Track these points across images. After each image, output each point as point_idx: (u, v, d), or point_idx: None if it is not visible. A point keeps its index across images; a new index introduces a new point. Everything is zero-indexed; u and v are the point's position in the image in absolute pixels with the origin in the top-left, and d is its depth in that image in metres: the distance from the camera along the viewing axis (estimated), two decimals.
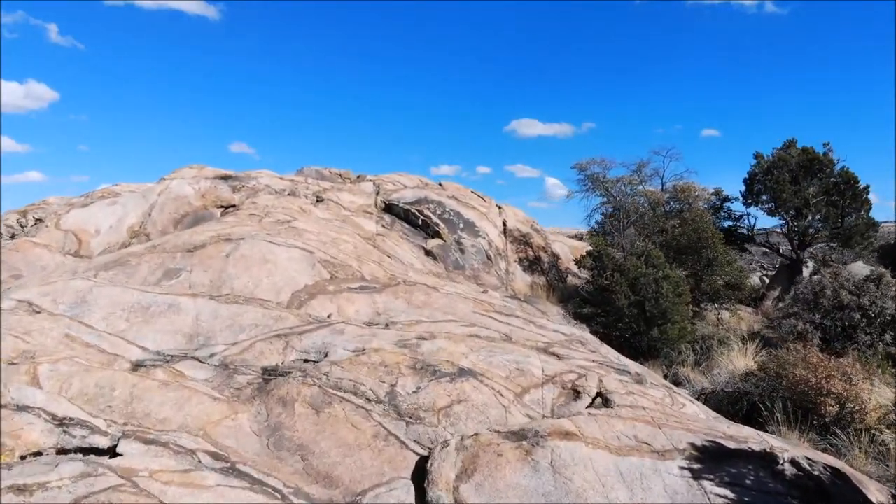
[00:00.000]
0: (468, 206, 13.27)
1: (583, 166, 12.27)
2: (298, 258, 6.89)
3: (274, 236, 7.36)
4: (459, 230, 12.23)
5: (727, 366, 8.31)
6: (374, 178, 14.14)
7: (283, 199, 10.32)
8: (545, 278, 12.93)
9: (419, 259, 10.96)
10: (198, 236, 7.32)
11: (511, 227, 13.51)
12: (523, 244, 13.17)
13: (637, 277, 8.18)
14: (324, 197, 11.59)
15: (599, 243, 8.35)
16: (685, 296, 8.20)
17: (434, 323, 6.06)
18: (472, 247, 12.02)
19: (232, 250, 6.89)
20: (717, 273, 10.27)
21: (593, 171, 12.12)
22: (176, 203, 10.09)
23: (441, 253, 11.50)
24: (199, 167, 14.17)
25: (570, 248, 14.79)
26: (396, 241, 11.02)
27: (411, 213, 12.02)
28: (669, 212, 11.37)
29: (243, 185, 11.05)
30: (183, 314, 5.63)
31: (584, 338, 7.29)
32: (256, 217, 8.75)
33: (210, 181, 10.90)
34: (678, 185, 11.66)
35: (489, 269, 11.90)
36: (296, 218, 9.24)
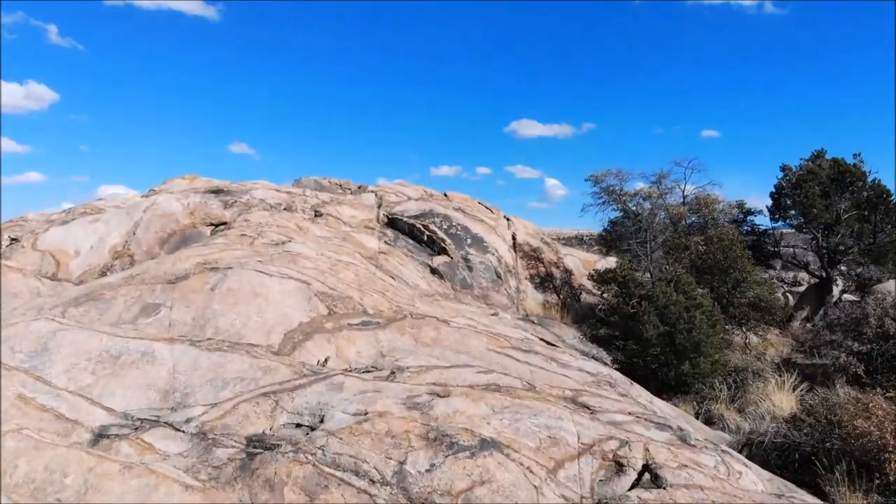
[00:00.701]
0: (475, 218, 12.54)
1: (598, 178, 11.53)
2: (293, 291, 6.15)
3: (266, 264, 6.62)
4: (467, 246, 11.50)
5: (766, 405, 7.57)
6: (375, 189, 13.40)
7: (278, 215, 9.57)
8: (558, 296, 12.19)
9: (424, 279, 10.23)
10: (181, 264, 6.57)
11: (521, 240, 12.78)
12: (534, 259, 12.42)
13: (666, 305, 7.44)
14: (322, 211, 10.85)
15: (625, 267, 7.61)
16: (719, 325, 7.46)
17: (447, 369, 5.31)
18: (481, 263, 11.29)
19: (218, 282, 6.14)
20: (745, 295, 9.52)
21: (609, 184, 11.39)
22: (162, 221, 9.35)
23: (448, 271, 10.77)
24: (192, 177, 13.43)
25: (582, 261, 14.05)
26: (400, 260, 10.28)
27: (416, 228, 11.28)
28: (691, 226, 10.61)
29: (236, 199, 10.31)
30: (158, 364, 4.88)
31: (612, 377, 6.54)
32: (248, 238, 8.01)
33: (200, 196, 10.15)
34: (699, 196, 10.92)
35: (499, 288, 11.17)
36: (291, 238, 8.50)
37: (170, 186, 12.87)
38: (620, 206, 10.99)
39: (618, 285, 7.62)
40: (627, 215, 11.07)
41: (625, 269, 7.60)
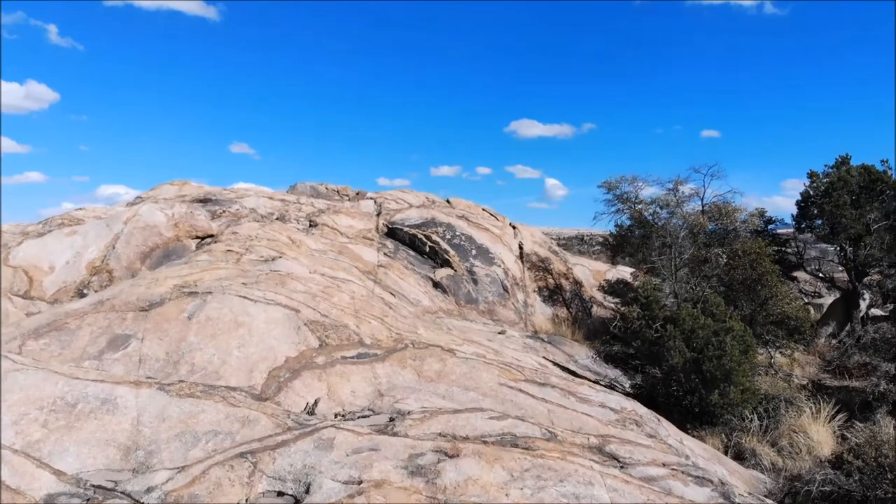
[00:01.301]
0: (480, 227, 11.86)
1: (611, 185, 10.85)
2: (280, 320, 5.47)
3: (251, 287, 5.94)
4: (471, 257, 10.82)
5: (802, 439, 6.91)
6: (375, 196, 12.73)
7: (269, 227, 8.90)
8: (568, 310, 11.52)
9: (427, 294, 9.56)
10: (156, 288, 5.90)
11: (528, 250, 12.10)
12: (542, 271, 11.75)
13: (693, 329, 6.77)
14: (318, 221, 10.17)
15: (648, 287, 6.94)
16: (752, 352, 6.79)
17: (455, 414, 4.63)
18: (486, 276, 10.62)
19: (196, 310, 5.47)
20: (773, 312, 8.84)
21: (623, 191, 10.72)
22: (144, 234, 8.68)
23: (451, 285, 10.10)
24: (182, 182, 12.78)
25: (592, 272, 13.37)
26: (401, 274, 9.61)
27: (417, 238, 10.61)
28: (710, 236, 9.93)
29: (224, 209, 9.63)
30: (120, 414, 4.22)
31: (637, 413, 5.87)
32: (234, 255, 7.33)
33: (186, 206, 9.47)
34: (719, 204, 10.24)
35: (505, 302, 10.50)
36: (282, 253, 7.83)
37: (158, 193, 12.21)
38: (635, 214, 10.30)
39: (640, 307, 6.95)
40: (642, 225, 10.38)
41: (647, 290, 6.93)
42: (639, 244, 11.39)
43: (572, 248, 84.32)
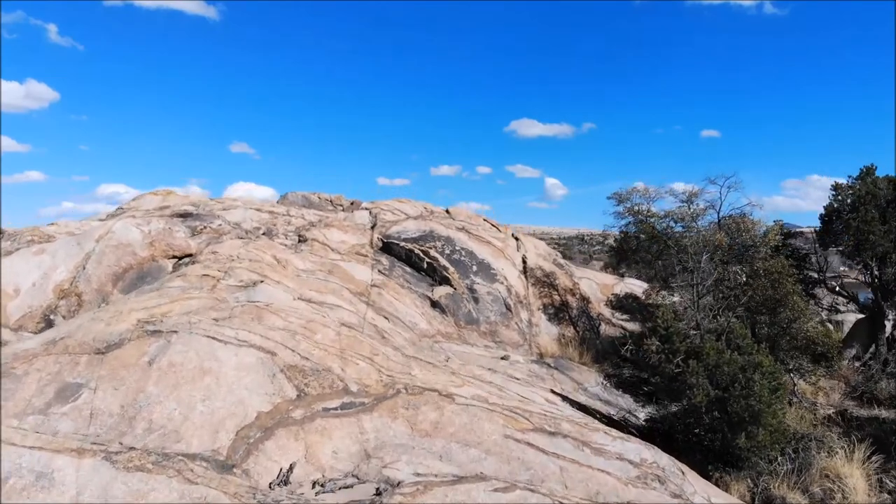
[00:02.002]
0: (481, 240, 11.19)
1: (622, 197, 10.17)
2: (253, 365, 4.81)
3: (223, 323, 5.28)
4: (472, 273, 10.15)
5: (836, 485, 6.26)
6: (370, 206, 12.06)
7: (253, 245, 8.23)
8: (575, 329, 10.85)
9: (424, 315, 8.89)
10: (117, 325, 5.23)
11: (532, 264, 11.43)
12: (547, 286, 11.08)
13: (718, 365, 6.11)
14: (307, 236, 9.50)
15: (667, 317, 6.26)
16: (782, 390, 6.13)
17: (453, 485, 3.97)
18: (488, 294, 9.95)
19: (158, 353, 4.81)
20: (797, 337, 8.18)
21: (635, 203, 10.03)
22: (117, 253, 8.01)
23: (451, 304, 9.43)
24: (166, 192, 12.12)
25: (599, 285, 12.70)
26: (396, 293, 8.94)
27: (414, 254, 9.93)
28: (728, 253, 9.26)
29: (205, 225, 8.96)
30: (56, 491, 3.56)
31: (659, 465, 5.20)
32: (210, 280, 6.67)
33: (165, 221, 8.81)
34: (735, 218, 9.55)
35: (508, 322, 9.83)
36: (265, 276, 7.16)
37: (140, 203, 11.54)
38: (647, 229, 9.61)
39: (659, 339, 6.29)
40: (655, 240, 9.70)
41: (667, 320, 6.26)
42: (651, 259, 10.71)
43: (573, 249, 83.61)
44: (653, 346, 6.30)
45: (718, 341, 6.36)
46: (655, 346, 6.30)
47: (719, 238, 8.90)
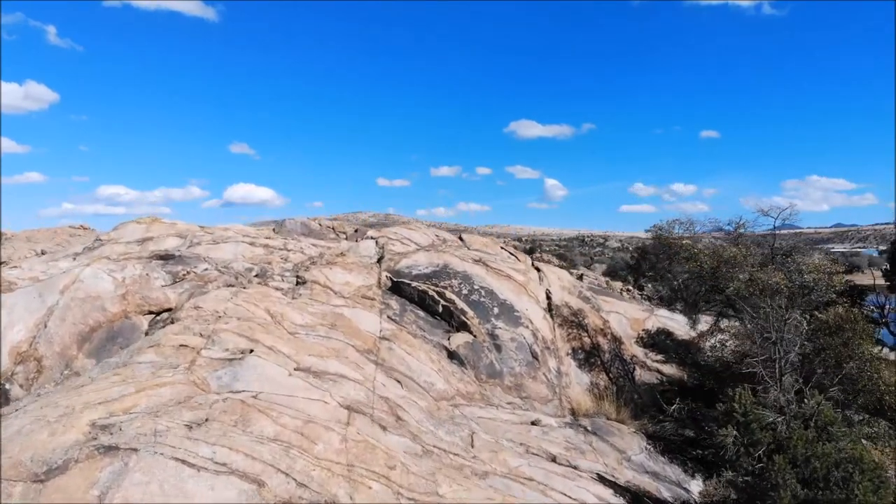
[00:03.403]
0: (501, 274, 10.02)
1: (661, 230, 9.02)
2: (231, 501, 3.64)
3: (197, 434, 4.12)
4: (493, 317, 8.99)
5: None
6: (376, 235, 10.88)
7: (243, 296, 7.07)
8: (607, 375, 9.67)
9: (441, 371, 7.72)
10: (64, 434, 4.09)
11: (558, 300, 10.25)
12: (576, 327, 9.90)
13: (808, 459, 4.93)
14: (307, 278, 8.34)
15: (746, 401, 5.07)
16: (886, 489, 4.96)
17: None
18: (512, 341, 8.78)
19: (111, 484, 3.66)
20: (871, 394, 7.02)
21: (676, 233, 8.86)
22: (84, 308, 6.86)
23: (470, 354, 8.27)
24: (150, 220, 10.98)
25: (629, 320, 11.53)
26: (408, 346, 7.78)
27: (428, 296, 8.77)
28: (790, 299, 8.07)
29: (189, 269, 7.79)
30: None
31: None
32: (189, 353, 5.50)
33: (142, 265, 7.65)
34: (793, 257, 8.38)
35: (535, 373, 8.66)
36: (256, 341, 6.00)
37: (121, 234, 10.40)
38: (694, 268, 8.41)
39: (736, 428, 5.12)
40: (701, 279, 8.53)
41: (745, 405, 5.08)
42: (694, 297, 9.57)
43: (573, 250, 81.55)
44: (729, 438, 5.12)
45: (806, 428, 5.19)
46: (733, 438, 5.12)
47: (779, 280, 7.73)
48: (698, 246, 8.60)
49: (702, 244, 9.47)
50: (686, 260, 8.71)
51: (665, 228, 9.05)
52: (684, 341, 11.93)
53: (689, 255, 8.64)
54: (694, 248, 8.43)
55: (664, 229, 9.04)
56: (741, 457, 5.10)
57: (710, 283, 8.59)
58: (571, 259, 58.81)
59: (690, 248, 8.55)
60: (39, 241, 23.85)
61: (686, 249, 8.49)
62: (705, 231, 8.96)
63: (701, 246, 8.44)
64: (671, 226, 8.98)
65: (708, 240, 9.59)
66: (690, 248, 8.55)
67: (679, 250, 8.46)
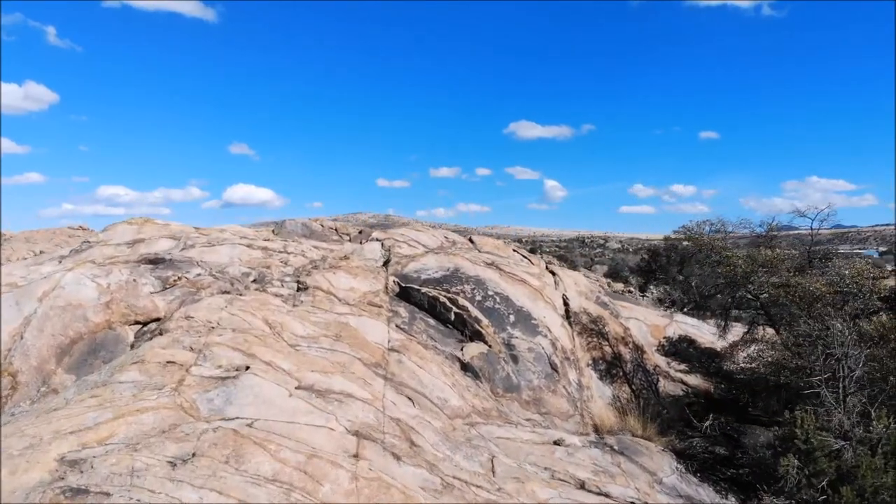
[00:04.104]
0: (515, 279, 9.39)
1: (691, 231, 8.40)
2: None
3: (181, 473, 3.49)
4: (509, 325, 8.36)
5: None
6: (382, 237, 10.25)
7: (238, 304, 6.45)
8: (630, 387, 9.04)
9: (455, 386, 7.09)
10: (26, 472, 3.47)
11: (576, 307, 9.62)
12: (596, 335, 9.27)
13: (877, 491, 4.31)
14: (308, 283, 7.71)
15: (808, 425, 4.45)
16: None
17: None
18: (529, 351, 8.15)
19: None
20: None
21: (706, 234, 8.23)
22: (65, 318, 6.23)
23: (485, 366, 7.64)
24: (142, 221, 10.36)
25: (649, 327, 10.90)
26: (419, 357, 7.15)
27: (439, 303, 8.14)
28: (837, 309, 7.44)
29: (181, 274, 7.16)
30: None
31: None
32: (177, 371, 4.88)
33: (130, 270, 7.03)
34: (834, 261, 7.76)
35: (555, 386, 8.03)
36: (252, 356, 5.38)
37: (111, 236, 9.77)
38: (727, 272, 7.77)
39: (797, 456, 4.50)
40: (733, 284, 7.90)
41: (808, 430, 4.45)
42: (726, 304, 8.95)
43: (573, 251, 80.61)
44: (791, 467, 4.49)
45: (874, 455, 4.56)
46: (794, 467, 4.49)
47: (820, 287, 7.11)
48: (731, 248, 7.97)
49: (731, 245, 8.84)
50: (717, 263, 8.08)
51: (694, 230, 8.41)
52: (707, 349, 11.31)
53: (722, 257, 8.02)
54: (727, 250, 7.81)
55: (694, 230, 8.40)
56: (802, 488, 4.47)
57: (743, 289, 7.96)
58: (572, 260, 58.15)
59: (722, 251, 7.92)
60: (38, 241, 23.23)
61: (718, 252, 7.86)
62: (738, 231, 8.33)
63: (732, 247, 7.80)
64: (701, 227, 8.34)
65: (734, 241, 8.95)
66: (722, 251, 7.92)
67: (710, 253, 7.82)
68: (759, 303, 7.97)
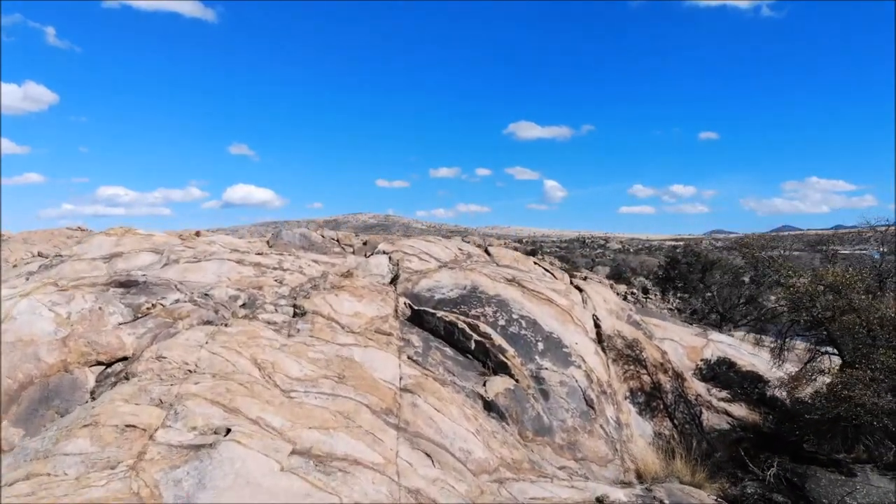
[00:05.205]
0: (540, 297, 8.33)
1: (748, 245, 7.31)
2: None
3: None
4: (538, 354, 7.30)
5: None
6: (389, 250, 9.17)
7: (222, 338, 5.39)
8: (672, 422, 7.98)
9: (479, 432, 6.02)
10: None
11: (608, 329, 8.54)
12: (633, 362, 8.20)
13: None
14: (307, 308, 6.65)
15: None
16: None
17: None
18: (562, 385, 7.09)
19: None
20: None
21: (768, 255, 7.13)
22: (13, 357, 5.16)
23: (512, 405, 6.58)
24: (123, 231, 9.31)
25: (685, 349, 9.83)
26: (437, 398, 6.08)
27: (458, 329, 7.08)
28: None
29: (156, 301, 6.09)
30: None
31: None
32: (138, 438, 3.82)
33: (96, 296, 5.96)
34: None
35: (591, 426, 6.96)
36: (236, 412, 4.33)
37: (87, 249, 8.71)
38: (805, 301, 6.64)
39: None
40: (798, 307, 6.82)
41: None
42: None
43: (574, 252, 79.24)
44: None
45: None
46: None
47: None
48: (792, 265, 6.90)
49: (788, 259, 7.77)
50: (777, 284, 7.02)
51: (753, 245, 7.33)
52: (749, 373, 10.25)
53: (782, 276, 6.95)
54: (790, 268, 6.74)
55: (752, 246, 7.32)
56: None
57: (808, 314, 6.90)
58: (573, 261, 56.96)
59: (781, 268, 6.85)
60: (36, 242, 22.21)
61: (777, 270, 6.79)
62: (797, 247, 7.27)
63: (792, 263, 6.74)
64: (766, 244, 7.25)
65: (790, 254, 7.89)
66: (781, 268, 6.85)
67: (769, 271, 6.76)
68: (825, 329, 6.90)
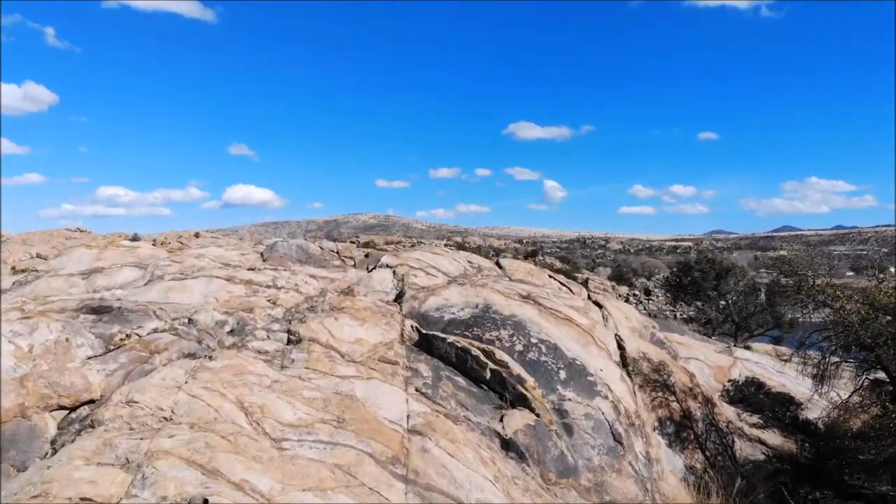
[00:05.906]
0: (558, 316, 7.62)
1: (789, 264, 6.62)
2: None
3: None
4: (559, 383, 6.59)
5: None
6: (393, 263, 8.45)
7: (205, 374, 4.68)
8: (703, 454, 7.27)
9: (499, 478, 5.31)
10: None
11: (633, 352, 7.84)
12: (661, 388, 7.49)
13: None
14: (302, 334, 5.94)
15: None
16: None
17: None
18: (586, 418, 6.38)
19: None
20: None
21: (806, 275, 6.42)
22: None
23: (532, 443, 5.87)
24: (105, 242, 8.65)
25: (711, 369, 9.13)
26: (449, 440, 5.38)
27: (471, 356, 6.38)
28: None
29: (130, 331, 5.38)
30: None
31: None
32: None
33: (62, 325, 5.25)
34: None
35: (619, 464, 6.25)
36: (216, 473, 3.63)
37: (63, 264, 8.00)
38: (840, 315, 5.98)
39: None
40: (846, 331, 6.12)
41: None
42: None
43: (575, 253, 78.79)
44: None
45: None
46: None
47: None
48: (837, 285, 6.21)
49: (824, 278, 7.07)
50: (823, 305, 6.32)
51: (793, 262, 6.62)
52: (779, 394, 9.54)
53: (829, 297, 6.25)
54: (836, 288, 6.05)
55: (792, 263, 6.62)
56: None
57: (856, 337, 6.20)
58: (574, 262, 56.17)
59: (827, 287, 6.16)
60: (35, 243, 21.53)
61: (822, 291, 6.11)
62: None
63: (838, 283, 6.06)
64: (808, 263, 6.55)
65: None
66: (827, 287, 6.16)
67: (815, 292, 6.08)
68: (876, 355, 6.21)
